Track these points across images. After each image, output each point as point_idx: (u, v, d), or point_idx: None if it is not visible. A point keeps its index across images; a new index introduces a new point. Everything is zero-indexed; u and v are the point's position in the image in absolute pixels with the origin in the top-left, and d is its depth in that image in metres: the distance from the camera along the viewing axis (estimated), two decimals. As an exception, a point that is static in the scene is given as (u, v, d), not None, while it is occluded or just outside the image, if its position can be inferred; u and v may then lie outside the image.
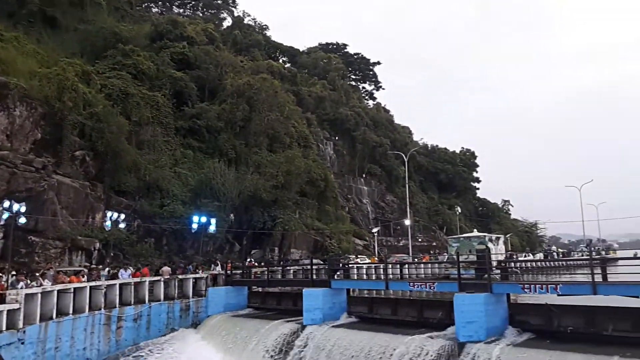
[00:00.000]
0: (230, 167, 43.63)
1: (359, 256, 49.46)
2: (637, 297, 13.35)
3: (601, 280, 14.44)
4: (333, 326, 19.64)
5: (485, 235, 57.60)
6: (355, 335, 17.87)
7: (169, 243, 37.20)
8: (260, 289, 28.67)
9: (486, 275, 16.36)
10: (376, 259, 48.40)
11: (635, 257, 16.29)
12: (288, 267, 34.36)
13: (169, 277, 25.88)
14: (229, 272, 28.57)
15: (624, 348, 12.46)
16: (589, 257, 16.44)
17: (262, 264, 35.19)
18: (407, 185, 68.76)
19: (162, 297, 24.86)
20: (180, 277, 26.60)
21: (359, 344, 17.00)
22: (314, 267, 24.93)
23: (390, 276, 23.10)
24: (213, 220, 36.63)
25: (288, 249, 46.46)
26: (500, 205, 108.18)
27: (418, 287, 18.94)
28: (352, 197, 76.37)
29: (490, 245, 45.32)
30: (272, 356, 19.92)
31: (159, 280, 25.06)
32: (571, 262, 55.96)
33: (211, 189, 40.23)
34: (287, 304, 25.28)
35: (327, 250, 47.77)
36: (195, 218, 35.37)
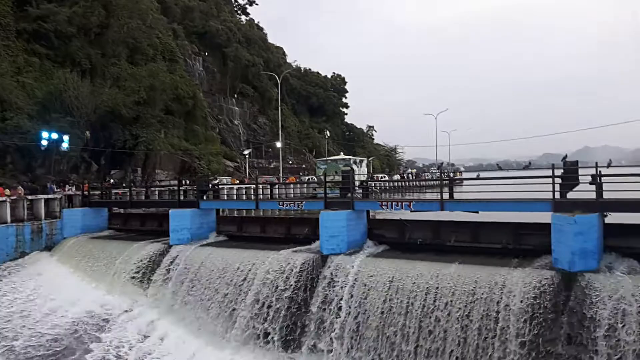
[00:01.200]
0: (85, 79, 39.44)
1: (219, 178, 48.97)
2: (477, 212, 15.10)
3: (448, 198, 16.04)
4: (202, 245, 19.59)
5: (350, 158, 60.40)
6: (225, 252, 18.05)
7: (14, 161, 33.27)
8: (122, 211, 27.33)
9: (349, 194, 17.26)
10: (237, 180, 48.21)
11: (477, 178, 18.31)
12: (153, 188, 33.02)
13: (16, 197, 23.42)
14: (86, 192, 26.65)
15: (464, 255, 14.26)
16: (438, 178, 18.07)
17: (124, 185, 33.30)
18: (279, 108, 68.67)
19: (8, 219, 22.55)
20: (29, 197, 24.22)
21: (228, 260, 17.24)
22: (182, 188, 24.24)
23: (261, 196, 23.37)
24: (66, 137, 33.40)
25: (152, 170, 44.48)
26: (365, 131, 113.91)
27: (287, 206, 19.44)
28: (223, 117, 74.43)
29: (354, 167, 47.76)
30: (137, 277, 19.45)
31: (4, 202, 22.57)
32: (424, 183, 61.56)
33: (62, 103, 36.20)
34: (152, 225, 24.54)
35: (196, 172, 46.67)
36: (45, 134, 31.88)
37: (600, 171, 13.20)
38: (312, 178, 55.42)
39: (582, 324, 10.97)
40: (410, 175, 77.29)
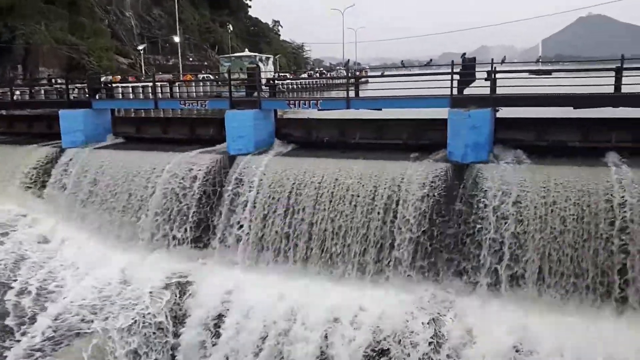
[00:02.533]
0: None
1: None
2: (380, 109, 15.46)
3: (354, 96, 16.19)
4: (98, 147, 18.48)
5: (256, 55, 58.34)
6: (125, 155, 17.21)
7: None
8: (4, 112, 24.69)
9: (256, 93, 16.80)
10: (118, 77, 44.65)
11: (382, 75, 18.53)
12: (38, 87, 29.94)
13: None
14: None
15: (367, 152, 14.76)
16: (345, 76, 18.04)
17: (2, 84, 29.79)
18: (175, -2, 63.28)
19: None
20: None
21: (129, 163, 16.48)
22: (71, 86, 22.12)
23: (160, 95, 22.09)
24: None
25: (35, 68, 40.11)
26: (270, 26, 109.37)
27: (189, 105, 18.59)
28: (112, 8, 67.37)
29: (260, 64, 46.27)
30: (30, 183, 18.20)
31: None
32: (331, 82, 61.46)
33: None
34: (41, 127, 22.49)
35: (85, 69, 42.74)
36: None
37: (495, 67, 13.86)
38: (207, 76, 52.89)
39: (472, 207, 12.11)
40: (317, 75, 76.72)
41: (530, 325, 10.57)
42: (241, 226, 14.09)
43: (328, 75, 74.11)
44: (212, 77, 50.98)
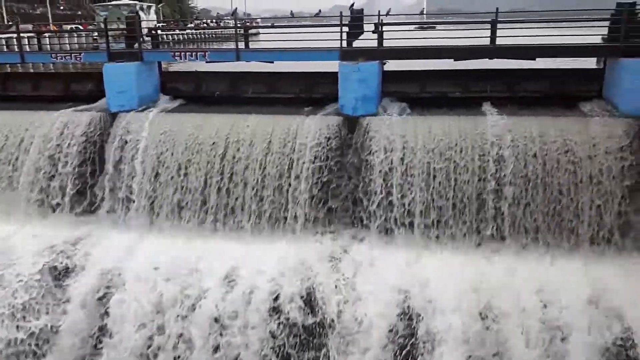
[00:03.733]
0: None
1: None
2: (272, 62, 15.12)
3: (244, 47, 15.63)
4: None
5: (135, 4, 54.16)
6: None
7: None
8: None
9: (137, 45, 15.59)
10: None
11: (272, 26, 18.09)
12: None
13: None
14: None
15: (260, 106, 14.42)
16: (234, 26, 17.30)
17: None
18: None
19: None
20: None
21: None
22: None
23: (27, 48, 19.74)
24: None
25: None
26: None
27: (62, 58, 16.79)
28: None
29: (141, 14, 43.04)
30: None
31: None
32: (220, 34, 58.83)
33: None
34: None
35: None
36: None
37: (382, 20, 14.07)
38: (74, 27, 47.98)
39: (363, 159, 12.51)
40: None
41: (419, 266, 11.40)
42: (129, 189, 13.33)
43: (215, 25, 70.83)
44: (81, 27, 46.26)
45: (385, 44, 14.01)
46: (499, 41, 13.45)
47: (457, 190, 11.78)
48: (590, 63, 15.31)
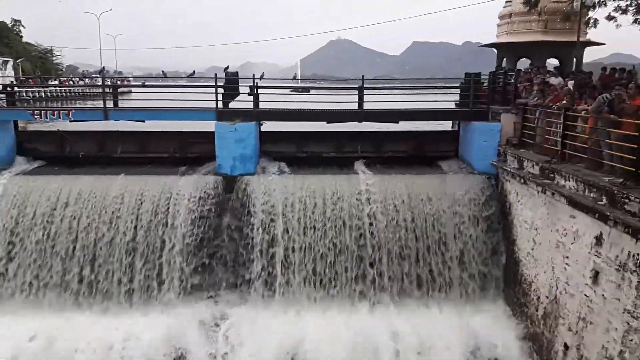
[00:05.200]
0: None
1: None
2: (143, 121, 14.57)
3: (112, 106, 14.91)
4: None
5: (-11, 58, 49.81)
6: None
7: None
8: None
9: (-10, 101, 14.14)
10: None
11: (142, 85, 17.59)
12: None
13: None
14: None
15: (130, 166, 13.71)
16: (101, 85, 16.53)
17: None
18: None
19: None
20: None
21: None
22: None
23: None
24: None
25: None
26: (9, 25, 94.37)
27: None
28: None
29: (-4, 68, 39.56)
30: None
31: None
32: (87, 91, 55.90)
33: None
34: None
35: None
36: None
37: (257, 83, 14.39)
38: None
39: (242, 220, 12.30)
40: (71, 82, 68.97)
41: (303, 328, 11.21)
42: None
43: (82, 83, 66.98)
44: None
45: (262, 105, 14.29)
46: (366, 106, 14.43)
47: (335, 246, 12.04)
48: (447, 126, 17.00)
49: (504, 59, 20.69)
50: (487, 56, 22.95)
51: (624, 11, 16.66)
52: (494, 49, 21.57)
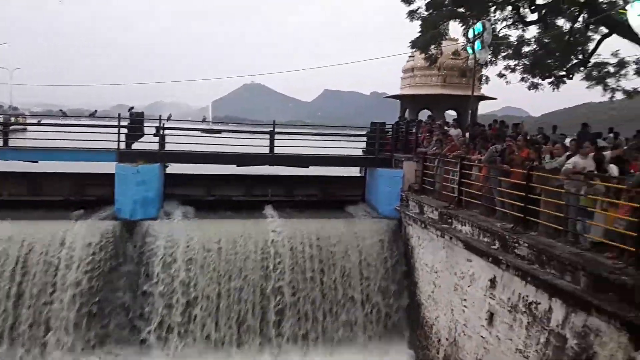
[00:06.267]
0: None
1: None
2: (36, 162, 13.53)
3: (2, 145, 13.72)
4: None
5: None
6: None
7: None
8: None
9: None
10: None
11: (38, 124, 16.45)
12: None
13: None
14: None
15: (19, 210, 12.55)
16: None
17: None
18: None
19: None
20: None
21: None
22: None
23: None
24: None
25: None
26: None
27: None
28: None
29: None
30: None
31: None
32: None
33: None
34: None
35: None
36: None
37: (163, 124, 13.98)
38: None
39: (140, 268, 11.59)
40: None
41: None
42: None
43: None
44: None
45: (169, 147, 13.85)
46: (277, 150, 14.51)
47: (240, 294, 11.66)
48: (355, 171, 17.49)
49: (407, 110, 21.93)
50: (393, 106, 24.19)
51: (513, 70, 18.42)
52: (398, 100, 22.84)
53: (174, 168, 14.38)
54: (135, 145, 13.86)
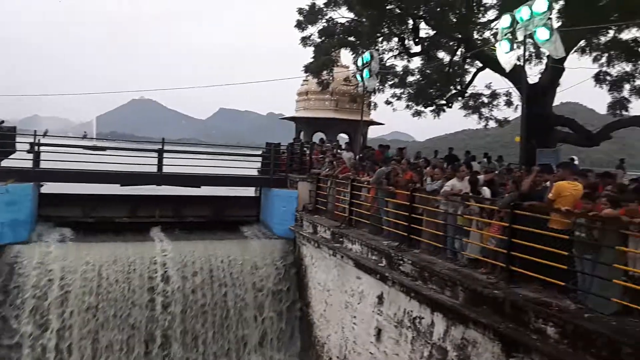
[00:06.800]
0: None
1: None
2: None
3: None
4: None
5: None
6: None
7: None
8: None
9: None
10: None
11: None
12: None
13: None
14: None
15: None
16: None
17: None
18: None
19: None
20: None
21: None
22: None
23: None
24: None
25: None
26: None
27: None
28: None
29: None
30: None
31: None
32: None
33: None
34: None
35: None
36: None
37: (39, 140, 12.83)
38: None
39: (7, 299, 10.38)
40: None
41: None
42: None
43: None
44: None
45: (45, 165, 12.70)
46: (165, 169, 13.93)
47: (120, 325, 10.85)
48: (250, 192, 17.31)
49: (302, 132, 22.32)
50: (289, 126, 24.46)
51: (399, 97, 19.55)
52: (293, 122, 23.17)
53: (50, 187, 13.21)
54: (6, 163, 12.53)
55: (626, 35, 14.88)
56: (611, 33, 15.06)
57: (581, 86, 16.35)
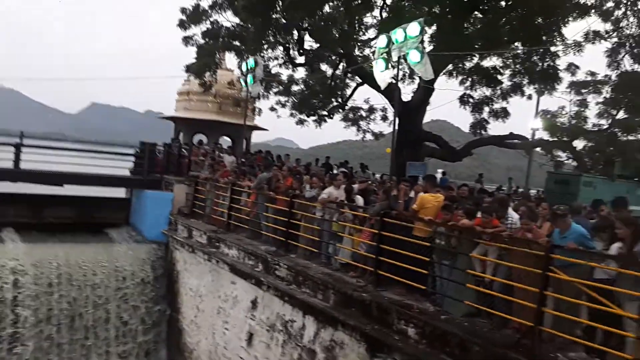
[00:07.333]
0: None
1: None
2: None
3: None
4: None
5: None
6: None
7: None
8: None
9: None
10: None
11: None
12: None
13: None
14: None
15: None
16: None
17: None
18: None
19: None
20: None
21: None
22: None
23: None
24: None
25: None
26: None
27: None
28: None
29: None
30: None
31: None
32: None
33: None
34: None
35: None
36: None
37: None
38: None
39: None
40: None
41: None
42: None
43: None
44: None
45: None
46: (24, 165, 12.60)
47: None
48: (120, 192, 16.25)
49: (181, 132, 21.57)
50: (168, 126, 23.47)
51: (283, 105, 19.81)
52: (173, 122, 22.30)
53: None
54: None
55: (487, 62, 16.70)
56: (475, 60, 16.77)
57: (449, 105, 18.02)
